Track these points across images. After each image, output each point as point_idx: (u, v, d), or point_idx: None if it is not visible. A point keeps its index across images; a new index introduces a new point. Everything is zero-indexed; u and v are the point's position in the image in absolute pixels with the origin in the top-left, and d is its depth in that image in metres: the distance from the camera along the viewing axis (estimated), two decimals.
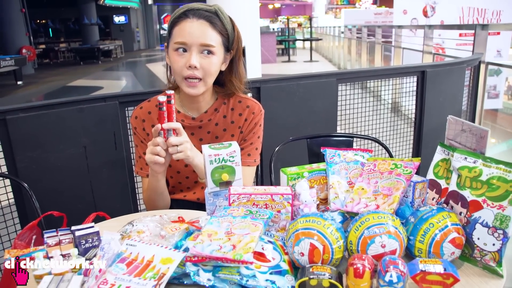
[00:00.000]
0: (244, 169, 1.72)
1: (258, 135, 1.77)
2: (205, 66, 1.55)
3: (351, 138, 2.17)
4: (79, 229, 1.27)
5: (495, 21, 8.25)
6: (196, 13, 1.54)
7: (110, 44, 23.15)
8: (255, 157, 1.77)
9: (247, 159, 1.74)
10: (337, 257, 1.11)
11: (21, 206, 2.28)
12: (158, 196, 1.66)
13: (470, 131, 1.24)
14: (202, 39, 1.53)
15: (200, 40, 1.53)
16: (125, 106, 2.53)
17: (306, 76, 3.06)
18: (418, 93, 3.56)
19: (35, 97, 10.75)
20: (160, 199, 1.68)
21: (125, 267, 1.10)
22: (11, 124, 2.19)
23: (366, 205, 1.26)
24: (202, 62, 1.55)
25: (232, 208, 1.25)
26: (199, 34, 1.53)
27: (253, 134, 1.75)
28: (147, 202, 1.72)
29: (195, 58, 1.53)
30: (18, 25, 15.28)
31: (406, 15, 9.55)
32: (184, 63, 1.54)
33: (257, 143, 1.77)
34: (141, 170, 1.76)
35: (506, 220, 1.08)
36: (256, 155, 1.77)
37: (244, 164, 1.72)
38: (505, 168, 1.10)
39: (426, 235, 1.11)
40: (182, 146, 1.46)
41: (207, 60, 1.55)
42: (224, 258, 1.04)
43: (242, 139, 1.75)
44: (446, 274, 0.99)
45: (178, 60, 1.55)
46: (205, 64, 1.55)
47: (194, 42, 1.53)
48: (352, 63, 12.92)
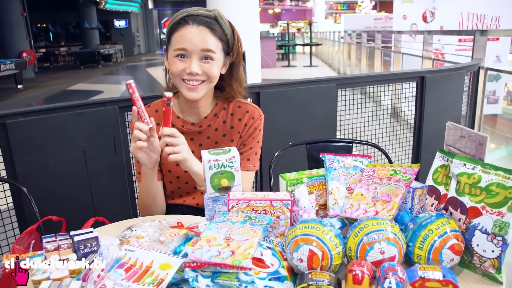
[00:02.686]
0: (243, 173, 1.71)
1: (258, 140, 1.77)
2: (206, 70, 1.56)
3: (350, 144, 2.17)
4: (78, 234, 1.27)
5: (494, 26, 8.27)
6: (196, 19, 1.54)
7: (110, 48, 23.21)
8: (254, 162, 1.77)
9: (246, 163, 1.74)
10: (336, 263, 1.11)
11: (20, 210, 2.27)
12: (151, 199, 1.66)
13: (469, 137, 1.24)
14: (202, 45, 1.53)
15: (200, 46, 1.53)
16: (125, 110, 2.53)
17: (306, 81, 3.07)
18: (418, 98, 3.57)
19: (35, 101, 10.78)
20: (153, 204, 1.68)
21: (124, 273, 1.09)
22: (11, 128, 2.19)
23: (365, 211, 1.25)
24: (203, 67, 1.55)
25: (231, 214, 1.25)
26: (199, 41, 1.53)
27: (253, 139, 1.75)
28: (141, 208, 1.72)
29: (196, 65, 1.54)
30: (18, 29, 15.32)
31: (405, 20, 9.58)
32: (184, 68, 1.55)
33: (257, 147, 1.77)
34: (139, 174, 1.75)
35: (505, 227, 1.08)
36: (256, 160, 1.77)
37: (243, 169, 1.71)
38: (504, 175, 1.10)
39: (425, 241, 1.11)
40: (179, 148, 1.46)
41: (208, 64, 1.56)
42: (223, 264, 1.04)
43: (242, 144, 1.75)
44: (445, 281, 0.99)
45: (178, 64, 1.55)
46: (206, 68, 1.56)
47: (195, 48, 1.53)
48: (352, 68, 12.94)
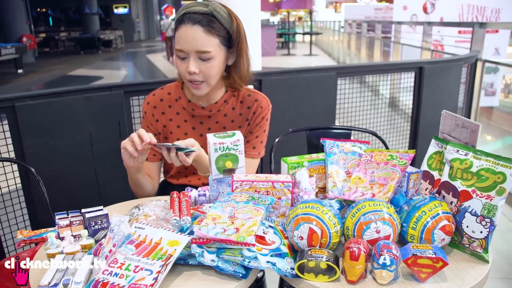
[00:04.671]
0: (248, 160, 1.77)
1: (264, 129, 1.81)
2: (204, 70, 1.58)
3: (349, 131, 2.22)
4: (89, 212, 1.33)
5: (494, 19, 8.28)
6: (191, 17, 1.53)
7: (110, 34, 23.04)
8: (260, 150, 1.81)
9: (252, 151, 1.79)
10: (334, 241, 1.17)
11: (28, 190, 2.33)
12: (139, 189, 1.71)
13: (463, 125, 1.30)
14: (196, 46, 1.54)
15: (195, 48, 1.54)
16: (130, 95, 2.57)
17: (306, 69, 3.11)
18: (416, 88, 3.62)
19: (35, 86, 10.75)
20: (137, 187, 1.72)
21: (134, 248, 1.15)
22: (20, 111, 2.24)
23: (363, 193, 1.32)
24: (201, 67, 1.57)
25: (235, 194, 1.31)
26: (193, 42, 1.54)
27: (259, 128, 1.79)
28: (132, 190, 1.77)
29: (193, 65, 1.56)
30: (19, 13, 15.20)
31: (406, 11, 9.56)
32: (185, 68, 1.58)
33: (263, 136, 1.82)
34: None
35: (493, 209, 1.15)
36: (261, 148, 1.82)
37: (248, 156, 1.77)
38: (494, 161, 1.16)
39: (418, 222, 1.17)
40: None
41: (205, 64, 1.57)
42: (228, 240, 1.10)
43: (249, 132, 1.79)
44: (436, 258, 1.05)
45: (180, 65, 1.60)
46: (204, 69, 1.57)
47: (190, 49, 1.55)
48: (352, 58, 12.93)
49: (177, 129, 1.77)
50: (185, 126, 1.77)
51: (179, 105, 1.76)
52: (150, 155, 1.75)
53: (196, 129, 1.77)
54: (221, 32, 1.57)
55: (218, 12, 1.55)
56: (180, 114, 1.76)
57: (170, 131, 1.77)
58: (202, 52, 1.54)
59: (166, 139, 1.79)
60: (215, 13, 1.55)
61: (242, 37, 1.64)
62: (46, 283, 1.06)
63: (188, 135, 1.77)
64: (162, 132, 1.78)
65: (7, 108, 2.25)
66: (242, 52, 1.67)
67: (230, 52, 1.64)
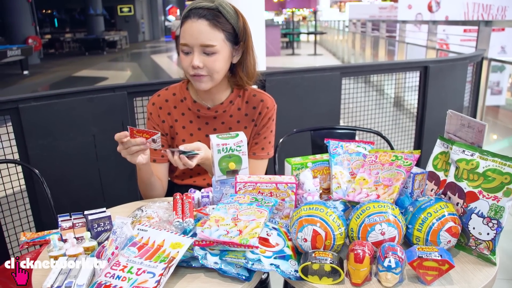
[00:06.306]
0: (257, 162, 1.77)
1: (271, 130, 1.80)
2: (208, 64, 1.57)
3: (353, 131, 2.21)
4: (92, 214, 1.32)
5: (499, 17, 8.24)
6: (197, 12, 1.53)
7: (115, 35, 23.10)
8: (268, 150, 1.81)
9: (261, 153, 1.78)
10: (338, 243, 1.16)
11: (32, 192, 2.34)
12: (146, 186, 1.70)
13: (469, 125, 1.28)
14: (201, 40, 1.54)
15: (199, 42, 1.54)
16: (134, 96, 2.57)
17: (311, 69, 3.10)
18: (421, 88, 3.60)
19: (41, 87, 10.79)
20: (149, 189, 1.70)
21: (137, 251, 1.15)
22: (24, 112, 2.24)
23: (367, 195, 1.30)
24: (205, 61, 1.56)
25: (238, 196, 1.30)
26: (198, 35, 1.53)
27: (267, 129, 1.78)
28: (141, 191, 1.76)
29: (197, 59, 1.55)
30: (24, 15, 15.26)
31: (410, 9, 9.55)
32: (189, 63, 1.57)
33: (270, 136, 1.81)
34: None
35: (500, 211, 1.13)
36: (269, 148, 1.81)
37: (257, 158, 1.77)
38: (500, 161, 1.14)
39: (424, 224, 1.16)
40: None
41: (210, 58, 1.56)
42: (231, 243, 1.10)
43: (256, 133, 1.78)
44: (442, 260, 1.04)
45: (185, 59, 1.59)
46: (208, 63, 1.57)
47: (195, 43, 1.54)
48: (356, 57, 12.89)
49: (183, 129, 1.76)
50: (191, 127, 1.76)
51: (185, 106, 1.75)
52: (158, 156, 1.74)
53: (202, 130, 1.77)
54: (226, 27, 1.57)
55: (223, 8, 1.56)
56: (186, 115, 1.76)
57: (176, 132, 1.77)
58: (206, 45, 1.54)
59: (172, 140, 1.79)
60: (221, 8, 1.55)
61: (248, 34, 1.64)
62: (49, 286, 1.06)
63: (193, 136, 1.76)
64: (169, 133, 1.78)
65: (11, 110, 2.25)
66: (249, 49, 1.67)
67: (235, 49, 1.64)
